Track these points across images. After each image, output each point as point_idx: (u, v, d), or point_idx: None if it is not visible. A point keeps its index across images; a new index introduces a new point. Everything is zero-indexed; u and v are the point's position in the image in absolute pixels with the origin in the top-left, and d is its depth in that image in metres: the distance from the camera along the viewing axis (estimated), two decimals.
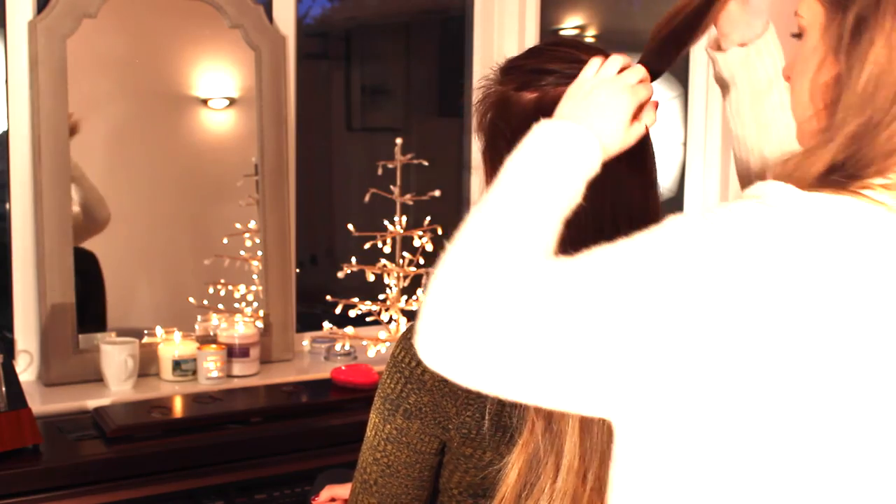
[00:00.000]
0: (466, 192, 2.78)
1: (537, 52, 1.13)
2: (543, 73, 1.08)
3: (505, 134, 1.07)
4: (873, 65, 0.80)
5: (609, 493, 0.87)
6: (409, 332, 1.10)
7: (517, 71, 1.10)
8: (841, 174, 0.80)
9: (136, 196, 2.29)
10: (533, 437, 1.01)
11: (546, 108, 1.04)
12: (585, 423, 1.01)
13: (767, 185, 0.79)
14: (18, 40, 2.09)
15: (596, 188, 0.92)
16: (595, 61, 1.00)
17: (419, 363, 1.07)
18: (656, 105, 1.01)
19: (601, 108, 0.94)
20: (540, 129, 0.91)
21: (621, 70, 0.98)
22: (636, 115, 0.98)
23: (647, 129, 1.02)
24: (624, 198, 1.06)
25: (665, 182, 2.74)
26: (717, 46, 1.17)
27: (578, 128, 0.91)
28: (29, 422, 1.76)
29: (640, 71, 0.99)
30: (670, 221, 0.79)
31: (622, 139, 0.95)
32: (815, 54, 0.86)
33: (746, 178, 1.20)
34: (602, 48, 1.11)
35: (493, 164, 1.09)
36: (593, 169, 0.91)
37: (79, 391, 2.07)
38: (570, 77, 1.04)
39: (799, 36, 0.90)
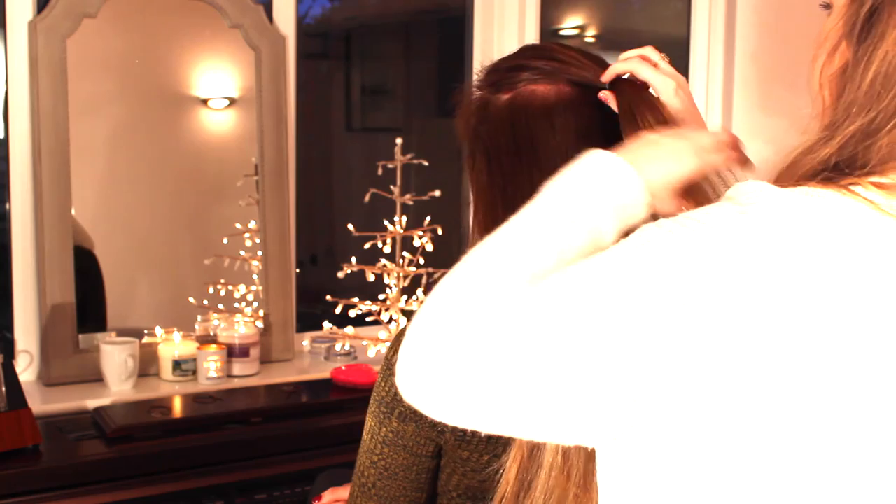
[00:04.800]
0: (466, 192, 2.78)
1: (516, 53, 1.11)
2: (519, 69, 1.06)
3: (484, 138, 1.06)
4: (881, 62, 0.72)
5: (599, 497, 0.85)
6: (402, 335, 1.09)
7: (494, 72, 1.09)
8: (834, 172, 0.74)
9: (137, 196, 2.29)
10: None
11: (517, 108, 1.03)
12: None
13: (743, 185, 0.74)
14: (18, 40, 2.09)
15: None
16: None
17: None
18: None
19: (661, 154, 0.83)
20: (581, 158, 0.81)
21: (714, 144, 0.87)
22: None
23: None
24: None
25: None
26: None
27: (618, 158, 0.79)
28: (29, 422, 1.76)
29: (721, 136, 0.88)
30: (645, 232, 0.72)
31: (665, 198, 0.83)
32: (831, 36, 0.78)
33: None
34: (584, 51, 1.09)
35: (474, 170, 1.08)
36: (631, 210, 0.80)
37: (79, 391, 2.07)
38: (545, 73, 1.03)
39: (828, 6, 0.80)
